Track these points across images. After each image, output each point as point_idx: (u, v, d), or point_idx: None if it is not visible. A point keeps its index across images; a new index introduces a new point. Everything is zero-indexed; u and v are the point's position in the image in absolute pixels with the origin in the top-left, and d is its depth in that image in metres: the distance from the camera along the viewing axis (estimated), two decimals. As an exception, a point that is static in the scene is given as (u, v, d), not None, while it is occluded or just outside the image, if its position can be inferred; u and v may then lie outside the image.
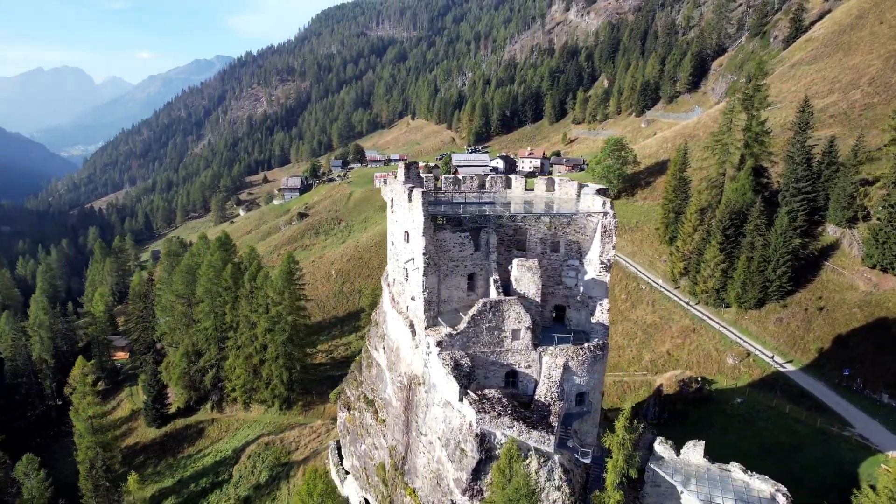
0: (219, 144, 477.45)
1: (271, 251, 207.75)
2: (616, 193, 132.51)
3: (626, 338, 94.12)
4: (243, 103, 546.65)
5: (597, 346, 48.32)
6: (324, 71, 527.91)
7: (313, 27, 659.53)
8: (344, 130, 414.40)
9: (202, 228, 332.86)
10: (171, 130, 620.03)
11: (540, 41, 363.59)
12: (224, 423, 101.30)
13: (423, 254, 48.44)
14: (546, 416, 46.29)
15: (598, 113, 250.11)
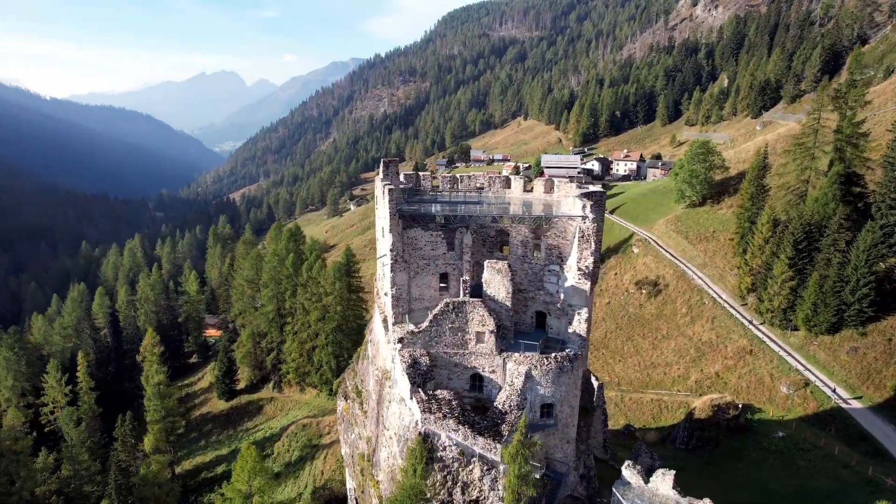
0: (341, 142, 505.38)
1: (365, 244, 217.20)
2: (700, 200, 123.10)
3: (676, 354, 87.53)
4: (367, 103, 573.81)
5: (565, 356, 45.82)
6: (444, 72, 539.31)
7: (438, 29, 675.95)
8: (457, 130, 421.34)
9: (316, 220, 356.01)
10: (304, 128, 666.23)
11: (660, 39, 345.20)
12: (280, 402, 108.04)
13: (391, 250, 48.83)
14: (499, 423, 44.84)
15: (711, 114, 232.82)
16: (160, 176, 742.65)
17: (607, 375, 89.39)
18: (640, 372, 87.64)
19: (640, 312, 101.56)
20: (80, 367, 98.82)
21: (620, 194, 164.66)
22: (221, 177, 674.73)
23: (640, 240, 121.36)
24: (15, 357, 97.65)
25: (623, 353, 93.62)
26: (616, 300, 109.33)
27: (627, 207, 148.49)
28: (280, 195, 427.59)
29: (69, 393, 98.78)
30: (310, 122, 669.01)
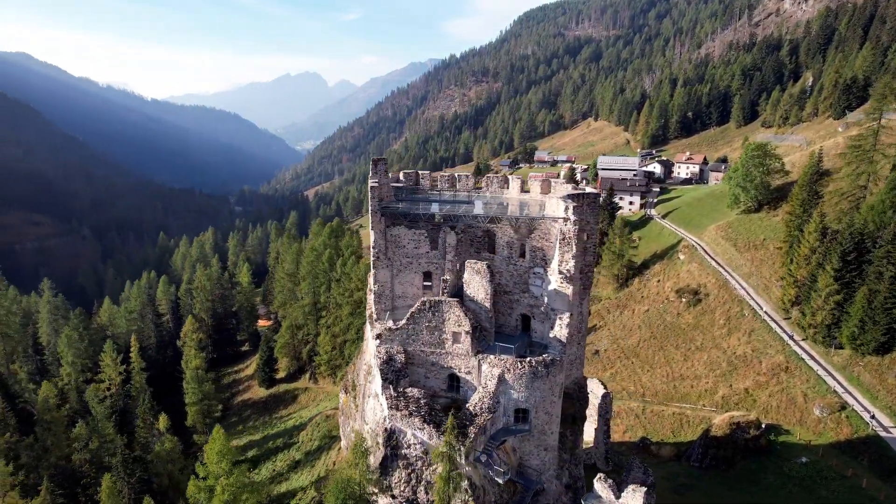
0: (412, 141, 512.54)
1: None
2: (756, 206, 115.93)
3: (707, 367, 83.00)
4: (440, 103, 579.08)
5: (539, 361, 44.77)
6: (516, 72, 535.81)
7: (513, 29, 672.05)
8: (526, 131, 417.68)
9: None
10: (378, 128, 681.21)
11: (741, 36, 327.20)
12: (314, 392, 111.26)
13: (373, 247, 49.34)
14: (468, 425, 44.34)
15: (790, 115, 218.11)
16: (244, 172, 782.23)
17: (633, 385, 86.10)
18: (667, 384, 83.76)
19: (677, 322, 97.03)
20: (133, 349, 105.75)
21: (676, 198, 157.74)
22: (299, 174, 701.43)
23: (688, 246, 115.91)
24: (77, 336, 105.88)
25: (653, 363, 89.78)
26: (655, 308, 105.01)
27: (681, 212, 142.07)
28: (350, 193, 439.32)
29: (123, 372, 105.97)
30: (384, 121, 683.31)
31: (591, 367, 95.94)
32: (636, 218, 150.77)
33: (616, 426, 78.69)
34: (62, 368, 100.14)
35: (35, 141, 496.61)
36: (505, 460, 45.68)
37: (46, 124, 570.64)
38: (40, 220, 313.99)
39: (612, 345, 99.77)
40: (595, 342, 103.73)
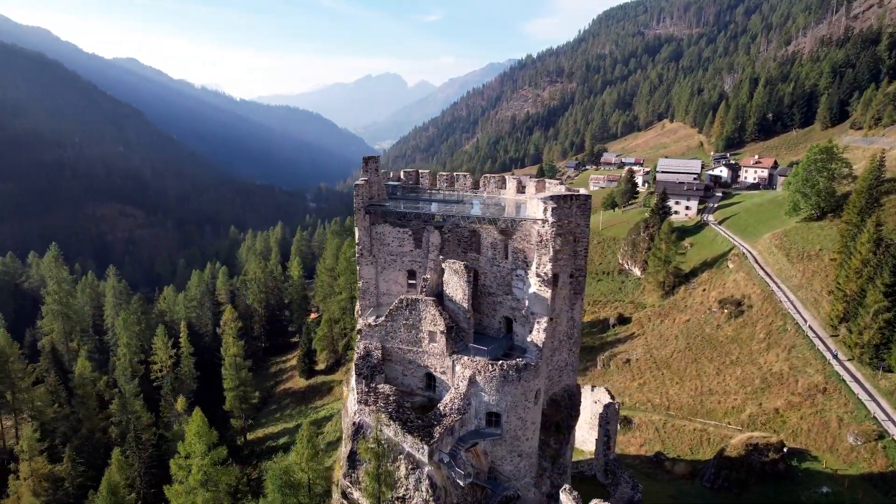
0: (482, 142, 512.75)
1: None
2: (818, 213, 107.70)
3: (738, 383, 78.07)
4: (512, 104, 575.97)
5: (511, 365, 43.79)
6: (591, 72, 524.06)
7: (592, 28, 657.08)
8: (597, 132, 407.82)
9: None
10: (452, 128, 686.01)
11: (835, 30, 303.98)
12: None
13: (357, 244, 49.96)
14: (435, 424, 44.10)
15: (883, 116, 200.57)
16: (323, 170, 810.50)
17: (658, 397, 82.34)
18: (694, 398, 79.51)
19: (716, 334, 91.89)
20: (182, 335, 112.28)
21: (737, 204, 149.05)
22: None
23: (738, 254, 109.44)
24: (134, 320, 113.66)
25: (683, 376, 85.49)
26: (696, 318, 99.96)
27: (738, 219, 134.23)
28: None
29: (173, 355, 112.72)
30: (458, 121, 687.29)
31: (620, 377, 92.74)
32: (692, 223, 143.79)
33: (633, 439, 75.73)
34: (119, 349, 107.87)
35: (136, 139, 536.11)
36: (473, 463, 45.08)
37: (147, 124, 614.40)
38: (132, 213, 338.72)
39: (646, 354, 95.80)
40: (629, 351, 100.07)
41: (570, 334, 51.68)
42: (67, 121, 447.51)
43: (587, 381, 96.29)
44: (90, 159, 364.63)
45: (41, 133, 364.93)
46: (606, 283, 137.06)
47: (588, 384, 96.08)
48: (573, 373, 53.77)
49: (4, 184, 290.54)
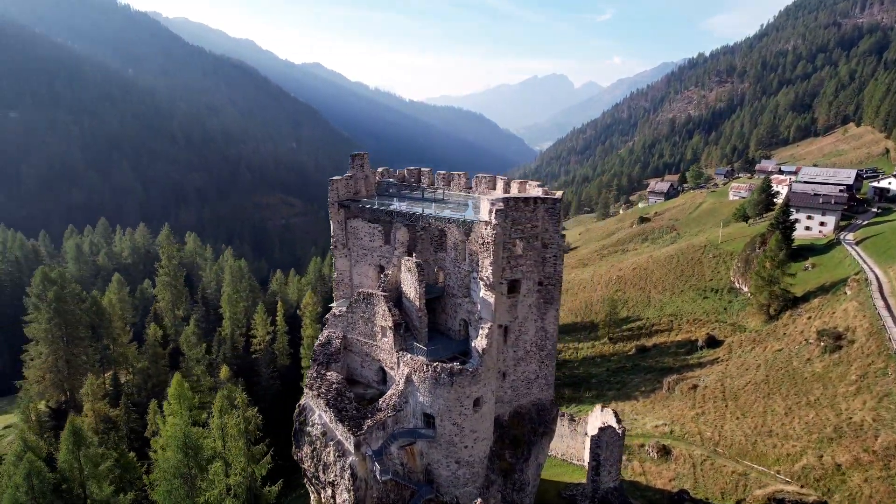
0: (638, 146, 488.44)
1: (596, 250, 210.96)
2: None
3: (806, 428, 67.27)
4: (675, 105, 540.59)
5: (444, 369, 43.08)
6: (767, 70, 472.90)
7: (777, 21, 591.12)
8: (765, 136, 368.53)
9: (586, 222, 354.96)
10: (610, 130, 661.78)
11: None
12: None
13: (332, 236, 51.92)
14: (367, 417, 44.83)
15: None
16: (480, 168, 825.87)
17: (710, 431, 73.74)
18: (748, 437, 69.96)
19: (802, 369, 79.75)
20: (279, 313, 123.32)
21: (890, 222, 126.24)
22: (527, 174, 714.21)
23: (859, 280, 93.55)
24: (239, 297, 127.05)
25: (747, 411, 75.52)
26: (789, 349, 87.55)
27: (881, 239, 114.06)
28: (566, 195, 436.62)
29: (271, 332, 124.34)
30: (617, 124, 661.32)
31: (680, 403, 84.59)
32: (823, 242, 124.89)
33: (666, 471, 69.01)
34: (224, 321, 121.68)
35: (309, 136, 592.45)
36: (404, 461, 45.04)
37: (322, 122, 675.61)
38: (292, 202, 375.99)
39: (717, 383, 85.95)
40: (702, 376, 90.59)
41: (540, 346, 49.19)
42: (254, 120, 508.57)
43: (649, 403, 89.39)
44: (264, 154, 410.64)
45: (229, 130, 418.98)
46: (712, 301, 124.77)
47: (633, 406, 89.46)
48: (547, 387, 50.98)
49: (195, 174, 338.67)
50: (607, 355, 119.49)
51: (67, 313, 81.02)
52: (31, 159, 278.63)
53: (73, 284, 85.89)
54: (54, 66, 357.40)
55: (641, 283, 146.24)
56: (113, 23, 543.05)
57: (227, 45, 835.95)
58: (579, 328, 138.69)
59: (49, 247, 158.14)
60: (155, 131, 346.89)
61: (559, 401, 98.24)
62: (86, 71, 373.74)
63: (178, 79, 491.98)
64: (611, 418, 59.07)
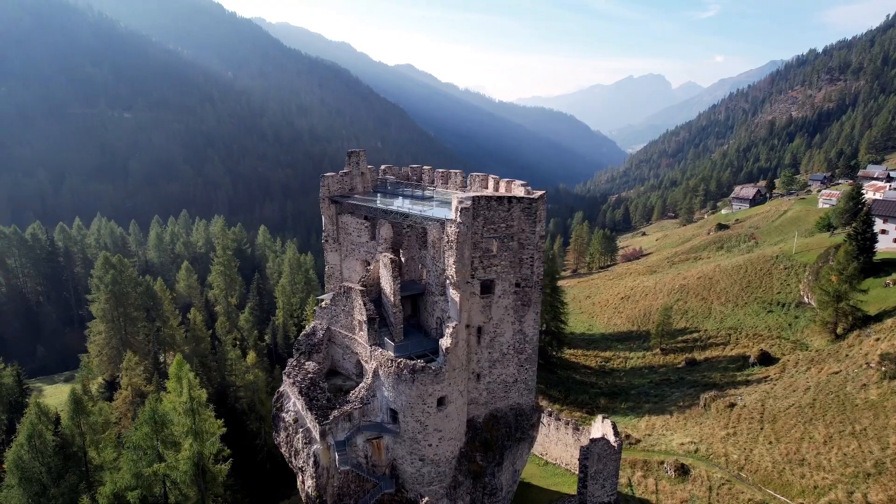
0: (732, 149, 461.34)
1: (667, 257, 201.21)
2: None
3: (843, 460, 61.05)
4: (776, 107, 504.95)
5: (406, 365, 43.22)
6: (889, 66, 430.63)
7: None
8: (879, 140, 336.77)
9: (668, 227, 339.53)
10: (705, 133, 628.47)
11: None
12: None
13: (323, 230, 53.11)
14: (335, 407, 45.67)
15: None
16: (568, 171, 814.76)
17: (737, 454, 68.62)
18: (776, 464, 64.40)
19: (855, 395, 72.40)
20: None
21: None
22: (615, 177, 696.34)
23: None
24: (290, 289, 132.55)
25: (782, 436, 69.55)
26: (846, 372, 79.80)
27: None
28: (650, 199, 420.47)
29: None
30: (714, 126, 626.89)
31: (713, 421, 79.32)
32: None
33: (680, 491, 65.10)
34: (277, 311, 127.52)
35: (396, 136, 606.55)
36: (369, 454, 45.47)
37: (409, 122, 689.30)
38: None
39: (757, 403, 79.71)
40: (744, 394, 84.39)
41: (518, 349, 48.06)
42: (342, 119, 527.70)
43: (682, 419, 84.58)
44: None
45: (316, 129, 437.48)
46: (777, 315, 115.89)
47: (665, 421, 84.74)
48: (527, 392, 49.66)
49: (281, 170, 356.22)
50: (656, 366, 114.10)
51: (123, 296, 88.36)
52: (138, 155, 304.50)
53: (131, 270, 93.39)
54: (165, 70, 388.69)
55: (704, 293, 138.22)
56: (219, 29, 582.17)
57: (323, 48, 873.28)
58: (634, 337, 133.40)
59: (138, 235, 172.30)
60: (247, 129, 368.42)
61: (594, 409, 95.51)
62: (191, 74, 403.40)
63: (273, 80, 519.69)
64: (609, 430, 56.55)
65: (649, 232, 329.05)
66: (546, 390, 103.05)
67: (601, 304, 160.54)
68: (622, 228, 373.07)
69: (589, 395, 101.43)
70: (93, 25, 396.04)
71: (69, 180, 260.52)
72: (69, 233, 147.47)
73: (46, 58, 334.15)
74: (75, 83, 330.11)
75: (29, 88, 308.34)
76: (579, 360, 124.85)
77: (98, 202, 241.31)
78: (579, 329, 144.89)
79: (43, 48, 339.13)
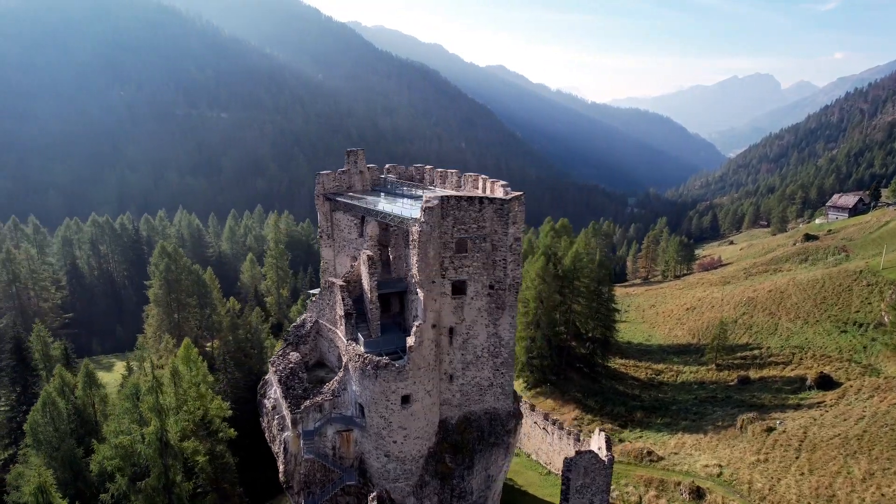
0: (840, 154, 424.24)
1: (745, 268, 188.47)
2: None
3: (876, 499, 54.95)
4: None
5: (370, 361, 43.77)
6: None
7: None
8: None
9: (755, 238, 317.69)
10: (814, 136, 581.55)
11: None
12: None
13: (318, 227, 54.50)
14: (309, 397, 46.95)
15: None
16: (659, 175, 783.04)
17: (763, 482, 63.39)
18: (801, 498, 58.75)
19: (911, 429, 64.95)
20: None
21: None
22: (709, 182, 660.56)
23: None
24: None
25: (818, 467, 63.41)
26: (908, 402, 71.76)
27: None
28: (743, 206, 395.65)
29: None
30: (822, 128, 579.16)
31: (745, 445, 73.74)
32: None
33: (690, 517, 61.24)
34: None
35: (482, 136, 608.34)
36: (338, 445, 46.34)
37: (496, 123, 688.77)
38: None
39: (800, 429, 73.12)
40: (787, 419, 77.74)
41: (493, 352, 47.30)
42: (427, 120, 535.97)
43: (716, 440, 79.34)
44: (428, 152, 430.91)
45: (399, 129, 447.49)
46: (851, 336, 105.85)
47: (698, 440, 79.85)
48: (504, 397, 48.69)
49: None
50: (707, 382, 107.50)
51: (175, 283, 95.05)
52: (231, 153, 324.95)
53: (184, 259, 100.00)
54: (260, 73, 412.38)
55: (773, 308, 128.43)
56: (314, 34, 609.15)
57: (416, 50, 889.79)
58: (692, 350, 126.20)
59: (216, 227, 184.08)
60: (332, 129, 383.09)
61: (627, 423, 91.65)
62: (284, 77, 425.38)
63: (362, 82, 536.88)
64: (602, 443, 54.21)
65: (737, 241, 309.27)
66: (582, 399, 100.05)
67: (664, 315, 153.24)
68: (708, 236, 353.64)
69: (626, 407, 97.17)
70: (199, 33, 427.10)
71: (167, 175, 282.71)
72: (153, 223, 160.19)
73: (157, 64, 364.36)
74: (180, 86, 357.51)
75: (140, 92, 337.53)
76: (629, 371, 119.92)
77: (192, 196, 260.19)
78: (637, 339, 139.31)
79: (155, 55, 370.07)
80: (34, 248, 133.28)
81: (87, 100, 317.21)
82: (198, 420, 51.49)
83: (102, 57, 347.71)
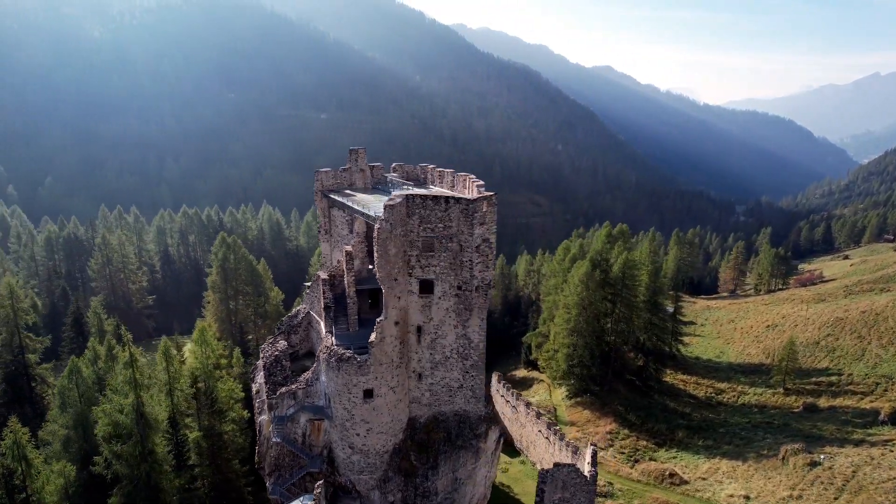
0: None
1: (846, 286, 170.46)
2: None
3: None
4: None
5: (335, 354, 44.74)
6: None
7: None
8: None
9: (877, 253, 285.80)
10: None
11: None
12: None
13: (316, 221, 56.10)
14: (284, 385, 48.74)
15: None
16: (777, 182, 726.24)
17: (785, 519, 57.55)
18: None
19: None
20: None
21: None
22: (832, 191, 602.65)
23: None
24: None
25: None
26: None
27: None
28: (867, 217, 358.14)
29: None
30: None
31: (782, 477, 67.17)
32: None
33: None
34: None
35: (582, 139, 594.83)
36: (308, 433, 47.70)
37: (598, 125, 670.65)
38: (539, 202, 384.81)
39: (849, 468, 65.27)
40: (837, 454, 69.80)
41: (463, 354, 46.76)
42: (524, 122, 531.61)
43: (753, 468, 72.92)
44: (522, 153, 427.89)
45: (492, 130, 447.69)
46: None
47: (734, 467, 74.19)
48: (474, 400, 47.93)
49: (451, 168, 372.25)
50: (768, 406, 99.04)
51: (232, 271, 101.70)
52: (326, 152, 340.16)
53: (242, 250, 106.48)
54: (359, 75, 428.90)
55: (863, 331, 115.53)
56: (416, 37, 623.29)
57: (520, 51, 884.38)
58: (762, 371, 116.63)
59: (298, 221, 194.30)
60: (425, 130, 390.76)
61: (665, 441, 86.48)
62: (382, 79, 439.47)
63: (460, 83, 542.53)
64: (588, 458, 51.78)
65: (853, 255, 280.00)
66: (623, 413, 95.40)
67: (742, 331, 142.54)
68: (820, 250, 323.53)
69: (669, 425, 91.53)
70: (306, 38, 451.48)
71: (266, 172, 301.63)
72: (236, 216, 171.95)
73: (265, 68, 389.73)
74: (285, 88, 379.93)
75: (248, 94, 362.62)
76: (687, 388, 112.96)
77: (285, 192, 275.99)
78: (707, 355, 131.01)
79: (264, 60, 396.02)
80: (133, 235, 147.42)
81: (202, 103, 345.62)
82: (202, 399, 54.98)
83: (218, 63, 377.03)
